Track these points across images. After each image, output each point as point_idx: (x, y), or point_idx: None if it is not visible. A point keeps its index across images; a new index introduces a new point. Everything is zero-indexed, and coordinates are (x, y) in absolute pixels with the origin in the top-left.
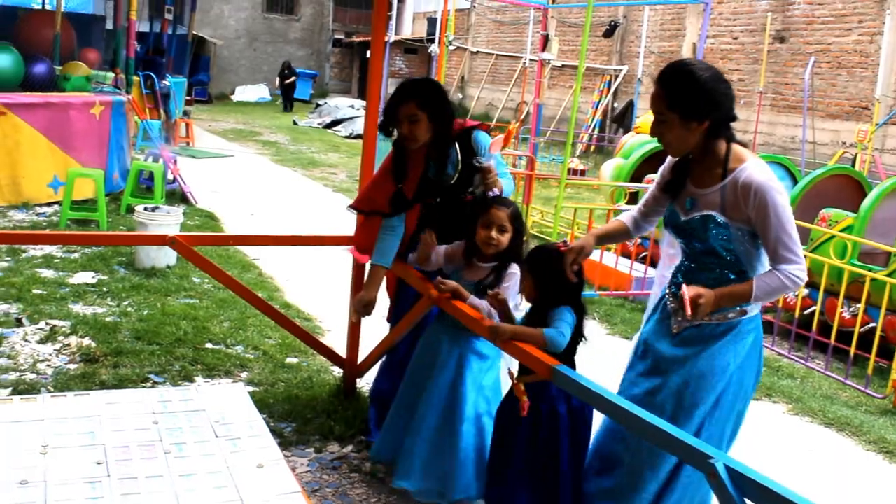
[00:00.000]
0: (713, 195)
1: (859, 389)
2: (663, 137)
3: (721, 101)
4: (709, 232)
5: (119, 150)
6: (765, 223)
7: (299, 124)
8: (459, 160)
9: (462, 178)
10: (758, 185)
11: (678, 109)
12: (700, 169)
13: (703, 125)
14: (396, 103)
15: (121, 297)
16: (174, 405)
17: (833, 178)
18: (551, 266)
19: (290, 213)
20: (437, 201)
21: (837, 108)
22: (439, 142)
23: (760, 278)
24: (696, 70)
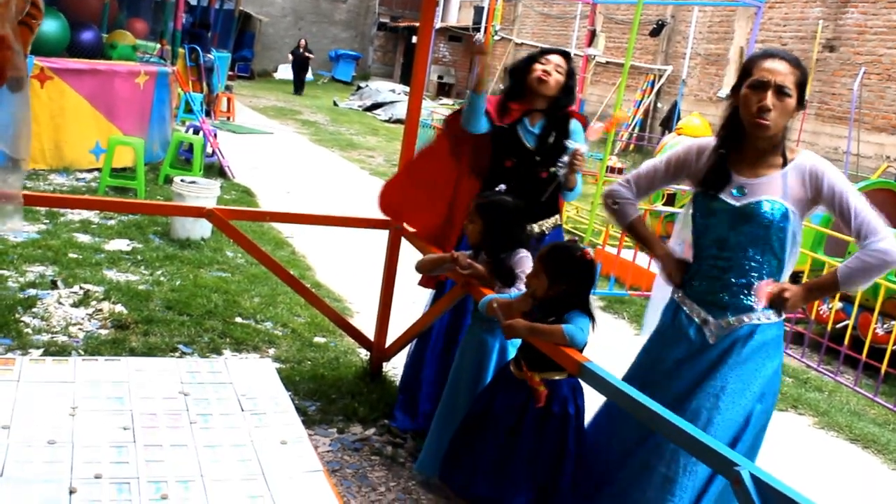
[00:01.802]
0: (773, 182)
1: (888, 407)
2: (775, 111)
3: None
4: (762, 217)
5: (161, 120)
6: (847, 203)
7: (339, 105)
8: (552, 136)
9: (546, 153)
10: (824, 168)
11: (801, 90)
12: (751, 157)
13: (797, 113)
14: (545, 52)
15: (154, 267)
16: (202, 376)
17: (876, 193)
18: (569, 268)
19: (326, 194)
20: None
21: (884, 122)
22: (553, 109)
23: (850, 265)
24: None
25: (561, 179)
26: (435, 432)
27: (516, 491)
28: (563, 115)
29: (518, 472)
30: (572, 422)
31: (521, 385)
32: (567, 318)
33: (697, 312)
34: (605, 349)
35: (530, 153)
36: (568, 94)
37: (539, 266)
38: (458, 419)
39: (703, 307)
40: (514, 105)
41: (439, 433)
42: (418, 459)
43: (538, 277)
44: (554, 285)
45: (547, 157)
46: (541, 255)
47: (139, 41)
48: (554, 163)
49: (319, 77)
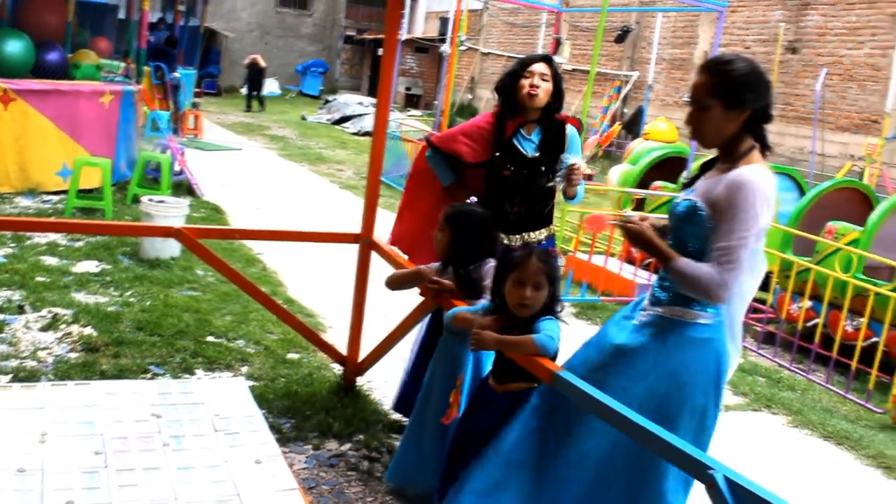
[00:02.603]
0: (709, 184)
1: (860, 404)
2: (698, 126)
3: (763, 93)
4: (696, 221)
5: (127, 139)
6: (721, 217)
7: (307, 119)
8: (549, 144)
9: (545, 161)
10: (744, 181)
11: (723, 96)
12: (719, 161)
13: (744, 115)
14: (530, 62)
15: (124, 287)
16: (174, 397)
17: (840, 191)
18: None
19: (296, 209)
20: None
21: (847, 121)
22: (546, 117)
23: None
24: (740, 58)
25: (561, 191)
26: (406, 443)
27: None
28: (558, 121)
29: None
30: None
31: (501, 398)
32: (536, 327)
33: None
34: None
35: (530, 162)
36: (558, 98)
37: (542, 277)
38: (428, 429)
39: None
40: (510, 121)
41: (409, 443)
42: (389, 468)
43: (542, 289)
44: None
45: (549, 165)
46: (541, 266)
47: (103, 60)
48: (552, 171)
49: (287, 91)
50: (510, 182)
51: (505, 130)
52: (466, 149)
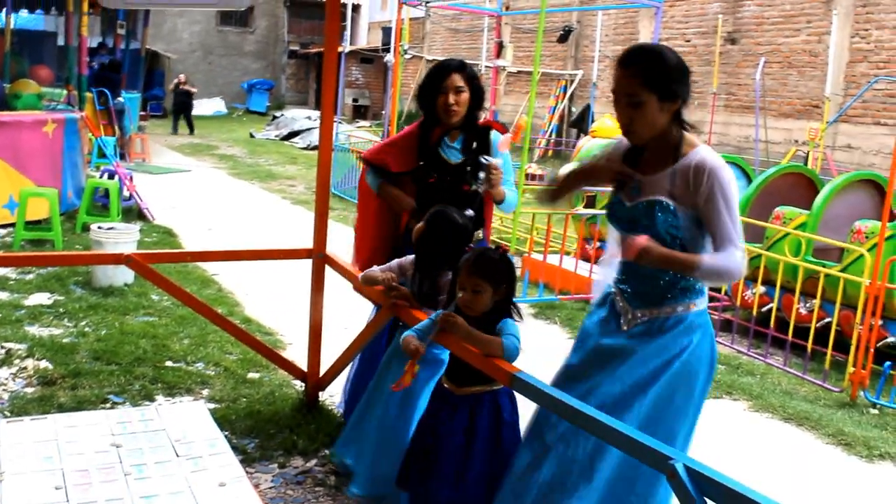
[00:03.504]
0: (661, 179)
1: (817, 384)
2: (635, 122)
3: (688, 81)
4: (655, 217)
5: (73, 167)
6: (714, 209)
7: (256, 137)
8: (472, 150)
9: (469, 168)
10: (712, 167)
11: (657, 89)
12: (650, 155)
13: (675, 106)
14: (444, 74)
15: (78, 318)
16: (134, 426)
17: (786, 177)
18: (507, 269)
19: (249, 227)
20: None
21: (789, 108)
22: (469, 123)
23: (710, 255)
24: (665, 48)
25: (482, 194)
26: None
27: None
28: (482, 126)
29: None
30: (517, 424)
31: (462, 402)
32: (501, 328)
33: (621, 303)
34: (538, 353)
35: (454, 169)
36: (478, 102)
37: (478, 281)
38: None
39: (625, 299)
40: (435, 129)
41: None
42: (335, 444)
43: (482, 293)
44: (497, 292)
45: (472, 170)
46: (472, 270)
47: (45, 88)
48: (476, 175)
49: (234, 110)
50: (436, 189)
51: (429, 139)
52: (392, 159)
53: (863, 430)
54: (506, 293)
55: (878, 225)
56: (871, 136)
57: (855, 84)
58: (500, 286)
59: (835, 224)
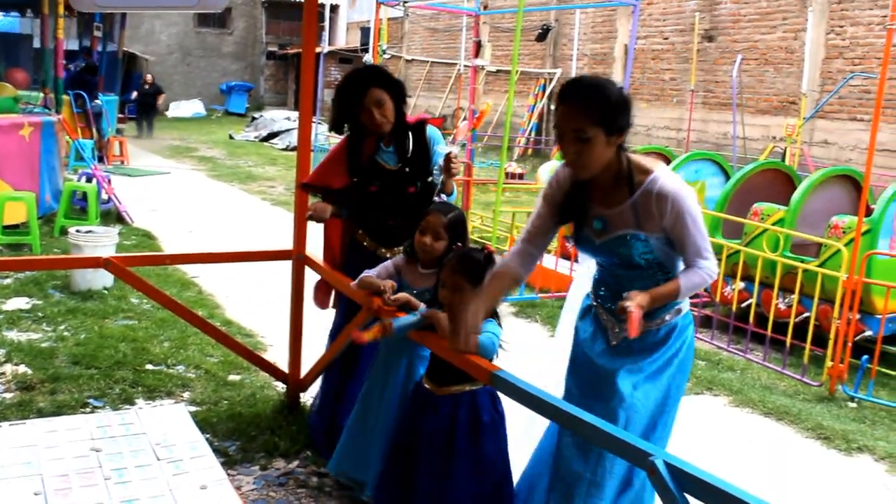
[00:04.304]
0: (624, 213)
1: (796, 378)
2: (582, 157)
3: (630, 112)
4: (631, 248)
5: (51, 171)
6: (683, 230)
7: (235, 138)
8: (411, 149)
9: (410, 168)
10: (674, 195)
11: (605, 124)
12: (603, 187)
13: (621, 139)
14: (361, 91)
15: (57, 322)
16: (114, 430)
17: (764, 173)
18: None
19: (229, 229)
20: (378, 190)
21: (766, 104)
22: (398, 127)
23: (685, 276)
24: (607, 82)
25: (438, 185)
26: (350, 438)
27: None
28: (414, 123)
29: (459, 484)
30: (499, 425)
31: (442, 402)
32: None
33: (605, 317)
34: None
35: (395, 174)
36: (400, 101)
37: (462, 280)
38: (368, 425)
39: (608, 313)
40: (367, 139)
41: (351, 437)
42: (331, 460)
43: (461, 291)
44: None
45: (411, 173)
46: (455, 267)
47: (21, 92)
48: (421, 175)
49: (213, 111)
50: (380, 197)
51: (361, 152)
52: (332, 177)
53: (841, 424)
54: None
55: (854, 220)
56: (848, 132)
57: (831, 80)
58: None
59: (812, 219)
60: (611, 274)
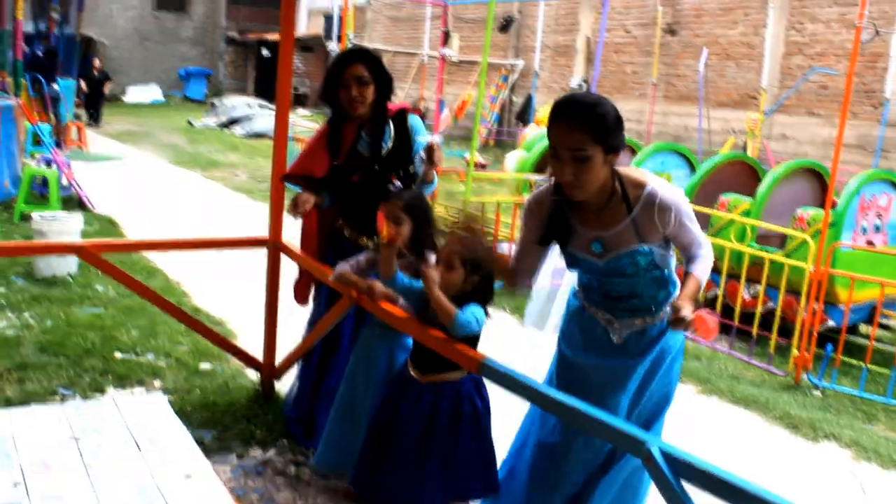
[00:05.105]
0: (624, 232)
1: (763, 367)
2: (580, 178)
3: (623, 129)
4: (638, 264)
5: (9, 156)
6: (685, 233)
7: (195, 125)
8: (392, 138)
9: (391, 158)
10: (674, 205)
11: (603, 142)
12: (595, 208)
13: (616, 157)
14: (345, 65)
15: (21, 310)
16: (91, 419)
17: (730, 165)
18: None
19: (193, 216)
20: (360, 180)
21: (726, 98)
22: (378, 113)
23: (697, 268)
24: (601, 99)
25: (420, 175)
26: (333, 429)
27: (434, 489)
28: (396, 113)
29: (434, 471)
30: (483, 416)
31: (425, 389)
32: (465, 309)
33: (602, 315)
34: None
35: (375, 162)
36: (385, 90)
37: (458, 259)
38: (355, 416)
39: (606, 311)
40: (346, 126)
41: (336, 429)
42: (317, 455)
43: (454, 269)
44: (468, 278)
45: (392, 162)
46: (455, 249)
47: None
48: (402, 165)
49: (171, 97)
50: (362, 187)
51: (341, 138)
52: (314, 165)
53: (807, 412)
54: (479, 285)
55: (819, 212)
56: (805, 127)
57: (790, 75)
58: (475, 274)
59: (776, 211)
60: (604, 282)
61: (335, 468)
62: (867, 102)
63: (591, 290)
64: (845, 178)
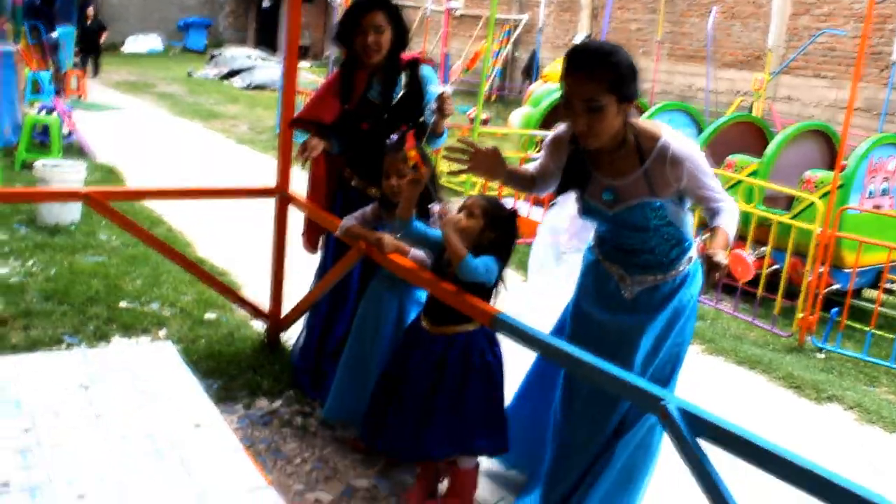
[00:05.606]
0: (636, 183)
1: (766, 329)
2: (594, 127)
3: (638, 78)
4: (647, 217)
5: (10, 103)
6: (700, 187)
7: (194, 76)
8: (404, 87)
9: (402, 107)
10: (688, 158)
11: (617, 91)
12: (609, 156)
13: (630, 107)
14: (364, 11)
15: (24, 257)
16: (100, 366)
17: (737, 125)
18: (505, 219)
19: (194, 166)
20: (369, 128)
21: (731, 58)
22: (391, 62)
23: (723, 220)
24: (616, 48)
25: (430, 125)
26: (342, 381)
27: (440, 441)
28: (408, 62)
29: (441, 423)
30: (494, 371)
31: (436, 340)
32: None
33: (616, 270)
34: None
35: (385, 111)
36: (401, 39)
37: (479, 209)
38: (364, 368)
39: (619, 266)
40: (359, 73)
41: (346, 381)
42: (325, 407)
43: (473, 217)
44: (486, 232)
45: (402, 112)
46: (479, 200)
47: None
48: (413, 115)
49: (170, 48)
50: (371, 135)
51: (353, 85)
52: (323, 111)
53: (811, 374)
54: (495, 240)
55: (827, 175)
56: (811, 89)
57: (797, 36)
58: (493, 230)
59: (783, 173)
60: (617, 234)
61: (343, 420)
62: (874, 65)
63: (605, 244)
64: (852, 142)
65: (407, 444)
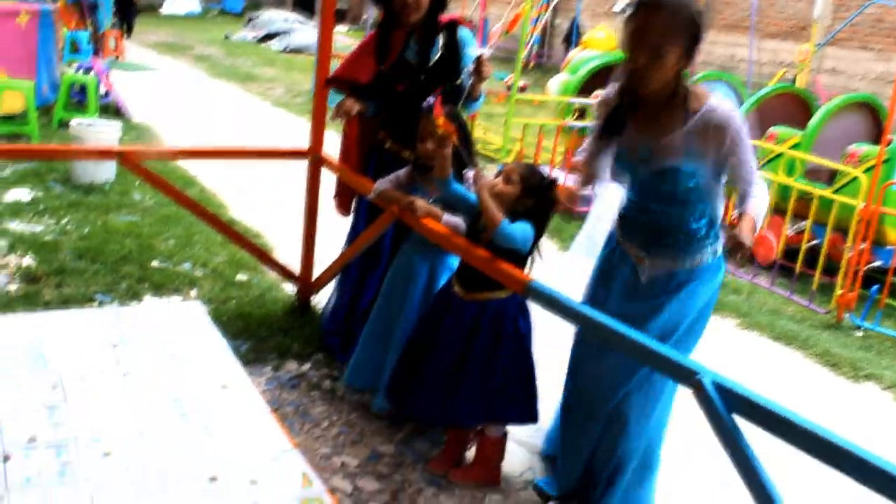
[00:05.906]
0: (675, 141)
1: (803, 305)
2: (650, 70)
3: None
4: (678, 183)
5: (48, 61)
6: (740, 161)
7: (231, 38)
8: (442, 48)
9: (439, 69)
10: (734, 126)
11: (682, 44)
12: (653, 111)
13: (688, 63)
14: None
15: (59, 215)
16: (129, 325)
17: (780, 97)
18: (543, 188)
19: (230, 128)
20: (405, 89)
21: (775, 28)
22: (429, 23)
23: (752, 206)
24: (690, 1)
25: (467, 88)
26: (366, 347)
27: (469, 409)
28: (446, 23)
29: (471, 390)
30: (525, 339)
31: (467, 307)
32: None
33: (635, 251)
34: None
35: (426, 71)
36: (439, 1)
37: (517, 175)
38: (388, 335)
39: (639, 246)
40: (396, 32)
41: (370, 348)
42: (346, 374)
43: (511, 183)
44: (523, 199)
45: (444, 71)
46: (518, 166)
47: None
48: (450, 77)
49: (208, 10)
50: (407, 97)
51: (390, 45)
52: (359, 72)
53: (848, 352)
54: (532, 208)
55: (872, 149)
56: (857, 62)
57: (843, 6)
58: (530, 197)
59: (826, 147)
60: (644, 204)
61: (364, 386)
62: None
63: (628, 219)
64: None
65: (436, 410)
